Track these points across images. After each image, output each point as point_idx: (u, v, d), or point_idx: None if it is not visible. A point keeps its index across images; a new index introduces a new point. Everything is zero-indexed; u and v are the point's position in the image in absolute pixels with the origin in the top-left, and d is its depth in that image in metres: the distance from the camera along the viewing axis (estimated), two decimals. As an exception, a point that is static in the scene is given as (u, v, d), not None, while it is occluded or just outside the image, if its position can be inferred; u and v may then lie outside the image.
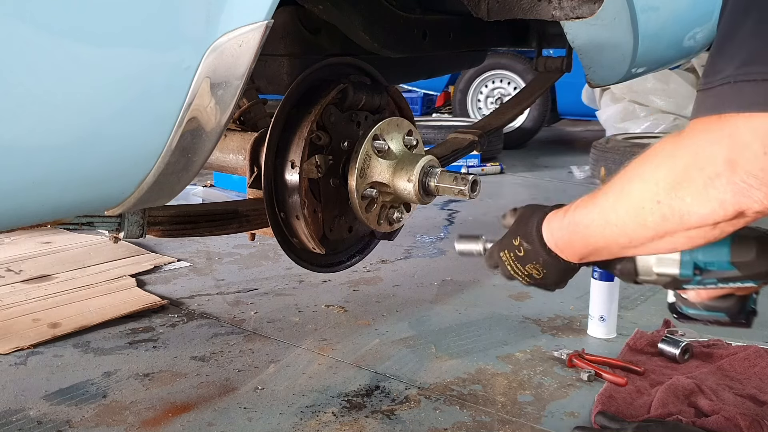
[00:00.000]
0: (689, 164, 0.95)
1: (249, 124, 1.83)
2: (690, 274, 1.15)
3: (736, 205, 0.92)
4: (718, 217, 0.94)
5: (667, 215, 0.99)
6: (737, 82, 0.89)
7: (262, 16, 1.05)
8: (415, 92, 7.41)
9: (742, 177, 0.89)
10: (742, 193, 0.90)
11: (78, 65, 0.92)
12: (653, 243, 1.06)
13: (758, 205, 0.90)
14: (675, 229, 1.00)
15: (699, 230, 0.99)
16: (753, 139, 0.88)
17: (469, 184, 1.48)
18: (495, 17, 1.88)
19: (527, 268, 1.27)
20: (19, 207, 1.01)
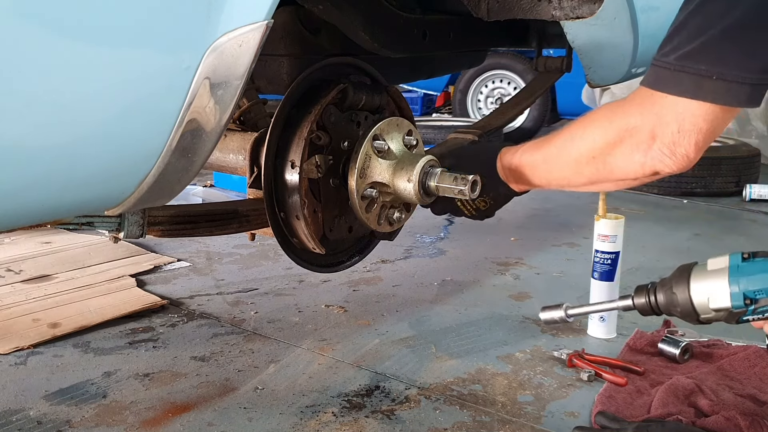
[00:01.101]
0: (622, 129, 1.22)
1: (249, 124, 1.83)
2: (741, 305, 1.20)
3: (652, 167, 1.21)
4: (638, 174, 1.24)
5: (600, 169, 1.28)
6: (676, 71, 1.13)
7: (262, 16, 1.05)
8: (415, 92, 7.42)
9: (659, 146, 1.17)
10: (658, 158, 1.18)
11: (78, 65, 0.92)
12: (587, 187, 1.37)
13: (668, 169, 1.19)
14: (605, 178, 1.30)
15: (623, 181, 1.31)
16: (673, 120, 1.14)
17: (469, 184, 1.48)
18: (495, 17, 1.88)
19: (477, 202, 1.54)
20: (19, 207, 1.01)
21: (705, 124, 1.12)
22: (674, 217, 3.75)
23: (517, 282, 2.66)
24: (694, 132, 1.13)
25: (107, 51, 0.95)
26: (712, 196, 4.14)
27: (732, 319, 1.23)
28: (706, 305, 1.24)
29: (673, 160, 1.16)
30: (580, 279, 2.50)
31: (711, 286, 1.23)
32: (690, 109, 1.12)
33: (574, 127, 1.34)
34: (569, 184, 1.39)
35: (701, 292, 1.24)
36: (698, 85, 1.10)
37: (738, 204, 4.04)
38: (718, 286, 1.22)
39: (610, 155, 1.24)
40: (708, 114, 1.11)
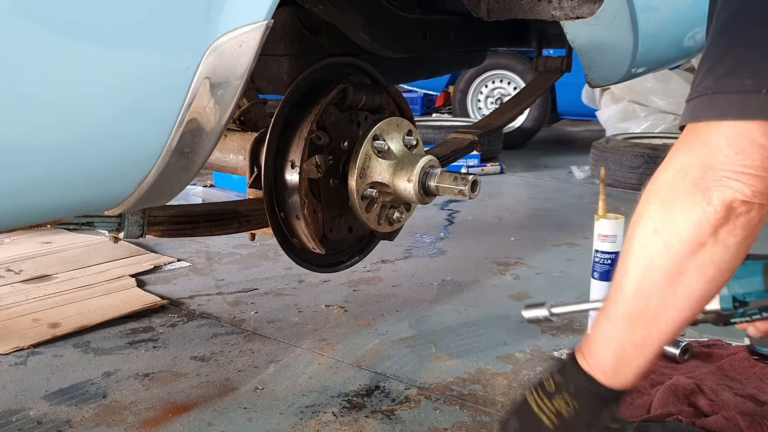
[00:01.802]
0: (671, 180, 0.96)
1: (249, 124, 1.83)
2: (731, 307, 1.18)
3: (721, 198, 0.92)
4: (710, 217, 0.92)
5: (668, 241, 0.95)
6: (714, 93, 0.94)
7: (262, 16, 1.05)
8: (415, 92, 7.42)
9: (720, 173, 0.91)
10: (724, 185, 0.91)
11: (78, 65, 0.92)
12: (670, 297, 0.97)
13: (741, 195, 0.91)
14: (680, 257, 0.95)
15: (703, 252, 0.94)
16: (725, 144, 0.92)
17: (469, 184, 1.48)
18: (495, 17, 1.88)
19: (556, 404, 1.09)
20: (19, 207, 1.01)
21: (765, 139, 0.91)
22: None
23: (517, 282, 2.66)
24: (757, 148, 0.90)
25: (107, 51, 0.95)
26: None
27: (720, 321, 1.21)
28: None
29: (744, 182, 0.90)
30: (580, 279, 2.50)
31: None
32: (741, 128, 0.92)
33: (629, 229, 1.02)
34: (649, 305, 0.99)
35: None
36: (744, 102, 0.91)
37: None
38: None
39: (670, 218, 0.95)
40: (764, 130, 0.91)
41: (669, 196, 0.96)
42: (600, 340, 1.05)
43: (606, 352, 1.04)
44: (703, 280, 0.97)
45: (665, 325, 1.00)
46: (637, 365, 1.04)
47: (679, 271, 0.96)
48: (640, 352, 1.03)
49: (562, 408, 1.09)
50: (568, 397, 1.08)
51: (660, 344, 1.02)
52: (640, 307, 0.99)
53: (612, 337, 1.03)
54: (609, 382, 1.05)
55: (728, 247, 0.95)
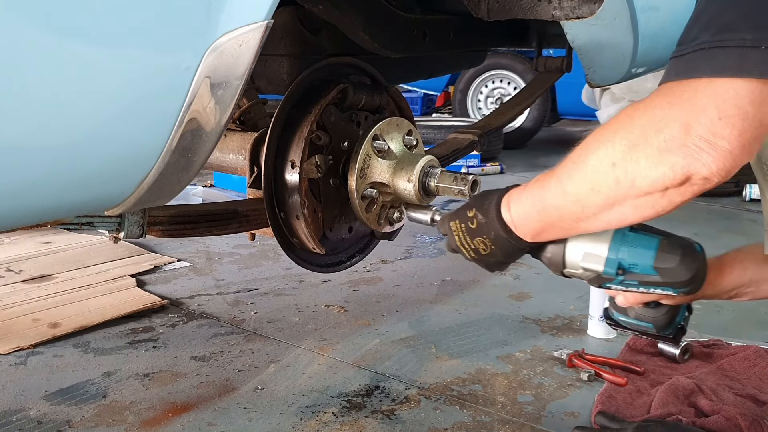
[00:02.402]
0: (646, 126, 0.96)
1: (249, 124, 1.83)
2: (613, 273, 1.17)
3: (685, 168, 0.92)
4: (667, 180, 0.95)
5: (621, 179, 0.99)
6: (711, 48, 0.91)
7: (262, 16, 1.05)
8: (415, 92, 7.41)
9: (694, 140, 0.91)
10: (693, 155, 0.91)
11: (78, 65, 0.92)
12: (604, 214, 1.06)
13: (706, 170, 0.91)
14: (625, 195, 1.01)
15: (648, 198, 0.99)
16: (711, 104, 0.89)
17: (469, 184, 1.48)
18: (495, 17, 1.88)
19: (475, 242, 1.24)
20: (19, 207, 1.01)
21: (752, 108, 0.88)
22: (674, 217, 3.71)
23: (517, 282, 2.66)
24: (739, 118, 0.88)
25: (107, 51, 0.95)
26: (712, 196, 4.14)
27: (596, 282, 1.20)
28: (577, 262, 1.18)
29: (713, 157, 0.90)
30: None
31: (590, 245, 1.17)
32: (733, 89, 0.88)
33: (591, 136, 1.07)
34: (584, 212, 1.08)
35: (577, 248, 1.18)
36: (742, 57, 0.88)
37: (738, 204, 4.03)
38: (597, 248, 1.17)
39: (632, 160, 0.97)
40: (756, 94, 0.88)
41: (639, 142, 0.97)
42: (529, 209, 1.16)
43: (530, 222, 1.16)
44: (637, 216, 1.04)
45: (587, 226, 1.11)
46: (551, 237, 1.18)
47: (619, 202, 1.02)
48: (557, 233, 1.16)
49: (480, 246, 1.24)
50: (488, 240, 1.22)
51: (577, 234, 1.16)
52: (574, 210, 1.09)
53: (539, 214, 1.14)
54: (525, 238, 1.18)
55: (672, 203, 0.99)
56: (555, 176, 1.11)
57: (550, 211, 1.12)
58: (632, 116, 0.99)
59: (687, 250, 1.16)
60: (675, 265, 1.15)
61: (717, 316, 2.34)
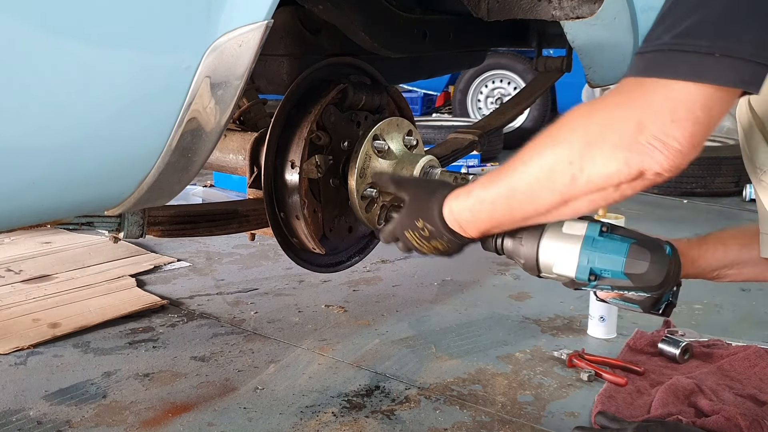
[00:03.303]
0: (604, 124, 1.00)
1: (249, 124, 1.83)
2: (585, 278, 1.18)
3: (639, 164, 0.97)
4: (621, 176, 1.00)
5: (577, 176, 1.03)
6: (671, 50, 0.95)
7: (262, 16, 1.05)
8: (415, 92, 7.41)
9: (648, 138, 0.95)
10: (646, 153, 0.96)
11: (78, 65, 0.92)
12: (557, 210, 1.10)
13: (657, 167, 0.97)
14: (580, 192, 1.05)
15: (602, 193, 1.04)
16: (665, 107, 0.94)
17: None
18: (495, 17, 1.88)
19: (433, 243, 1.30)
20: (19, 207, 1.01)
21: (702, 113, 0.94)
22: (674, 217, 3.75)
23: (517, 282, 2.66)
24: (690, 122, 0.94)
25: (107, 51, 0.95)
26: (712, 196, 4.14)
27: (571, 286, 1.22)
28: (550, 267, 1.20)
29: (665, 155, 0.96)
30: (580, 279, 2.50)
31: (561, 250, 1.19)
32: (686, 93, 0.94)
33: (542, 137, 1.09)
34: (536, 211, 1.12)
35: (549, 254, 1.20)
36: (697, 63, 0.93)
37: (738, 204, 4.04)
38: (568, 254, 1.18)
39: (589, 158, 1.01)
40: (707, 99, 0.94)
41: (595, 140, 1.01)
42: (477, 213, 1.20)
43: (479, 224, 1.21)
44: (590, 208, 1.09)
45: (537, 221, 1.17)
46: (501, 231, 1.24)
47: (574, 198, 1.07)
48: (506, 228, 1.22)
49: (439, 246, 1.29)
50: (444, 242, 1.27)
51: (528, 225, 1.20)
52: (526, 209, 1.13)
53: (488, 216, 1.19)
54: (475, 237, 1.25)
55: (623, 195, 1.05)
56: (504, 178, 1.14)
57: (501, 212, 1.17)
58: (590, 115, 1.04)
59: (656, 255, 1.17)
60: (645, 271, 1.16)
61: (717, 316, 2.34)
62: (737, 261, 1.44)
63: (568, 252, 1.19)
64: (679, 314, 2.32)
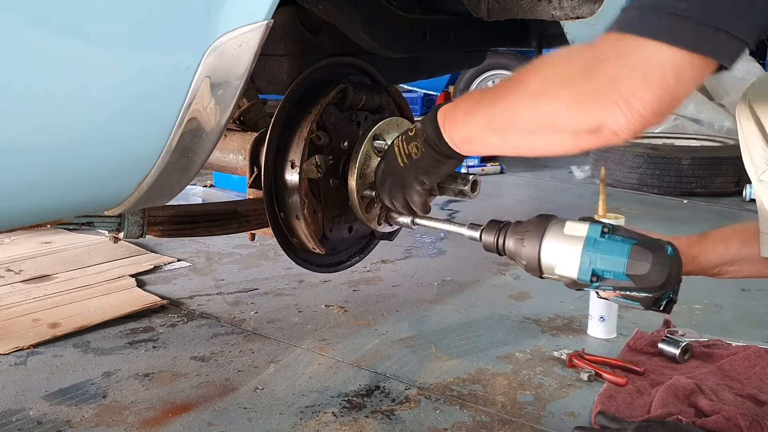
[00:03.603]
0: (579, 72, 1.03)
1: (249, 124, 1.83)
2: (587, 279, 1.19)
3: (599, 119, 1.00)
4: (580, 125, 1.03)
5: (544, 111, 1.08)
6: (649, 10, 0.96)
7: (262, 16, 1.05)
8: (415, 92, 7.41)
9: (615, 96, 0.97)
10: (609, 109, 0.98)
11: (78, 65, 0.92)
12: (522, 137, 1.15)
13: (616, 126, 0.98)
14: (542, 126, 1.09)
15: (560, 135, 1.08)
16: (639, 66, 0.96)
17: (470, 184, 1.48)
18: (495, 17, 1.88)
19: (410, 147, 1.34)
20: (19, 207, 1.01)
21: (674, 79, 0.95)
22: (674, 217, 3.75)
23: (517, 282, 2.66)
24: (659, 86, 0.95)
25: (107, 51, 0.95)
26: (712, 196, 4.14)
27: (573, 287, 1.23)
28: (552, 268, 1.21)
29: (626, 116, 0.97)
30: (580, 279, 2.50)
31: (563, 252, 1.20)
32: (660, 55, 0.94)
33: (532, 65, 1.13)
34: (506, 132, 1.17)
35: (551, 255, 1.21)
36: (676, 26, 0.94)
37: (738, 204, 4.04)
38: (570, 255, 1.19)
39: (556, 96, 1.06)
40: (680, 66, 0.94)
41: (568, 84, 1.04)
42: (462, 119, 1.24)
43: (460, 130, 1.25)
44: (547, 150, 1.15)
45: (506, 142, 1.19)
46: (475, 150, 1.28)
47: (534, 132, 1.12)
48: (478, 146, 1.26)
49: (413, 151, 1.34)
50: (420, 144, 1.32)
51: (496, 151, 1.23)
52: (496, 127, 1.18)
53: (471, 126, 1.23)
54: (453, 147, 1.27)
55: (579, 146, 1.08)
56: (488, 96, 1.20)
57: (477, 119, 1.21)
58: (570, 60, 1.08)
59: (658, 256, 1.17)
60: (647, 272, 1.16)
61: (717, 316, 2.34)
62: (738, 258, 1.45)
63: (569, 253, 1.19)
64: (679, 314, 2.32)
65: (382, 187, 1.46)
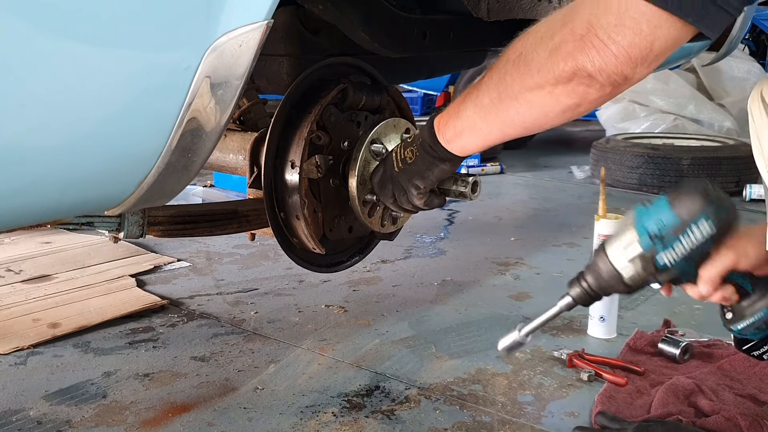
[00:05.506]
0: (558, 22, 1.04)
1: (249, 124, 1.83)
2: (649, 241, 1.19)
3: (574, 60, 1.00)
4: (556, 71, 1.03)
5: (522, 71, 1.08)
6: None
7: (263, 16, 1.05)
8: (415, 92, 7.41)
9: (590, 37, 0.98)
10: (583, 50, 0.99)
11: (78, 65, 0.92)
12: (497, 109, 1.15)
13: (590, 66, 0.99)
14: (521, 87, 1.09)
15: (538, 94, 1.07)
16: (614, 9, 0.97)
17: (470, 186, 1.48)
18: (495, 17, 1.88)
19: (406, 152, 1.38)
20: (19, 207, 1.01)
21: (648, 29, 0.96)
22: (674, 217, 3.74)
23: (517, 282, 2.66)
24: (635, 32, 0.95)
25: (107, 51, 0.95)
26: (712, 196, 4.13)
27: (650, 267, 1.21)
28: (624, 261, 1.22)
29: (600, 55, 0.97)
30: (580, 279, 2.50)
31: (622, 240, 1.22)
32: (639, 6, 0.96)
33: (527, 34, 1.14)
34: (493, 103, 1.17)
35: (617, 251, 1.22)
36: None
37: (738, 204, 4.03)
38: (627, 237, 1.21)
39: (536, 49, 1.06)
40: (654, 18, 0.96)
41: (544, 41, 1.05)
42: (453, 114, 1.26)
43: (451, 125, 1.27)
44: (527, 115, 1.13)
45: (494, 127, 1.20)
46: (467, 145, 1.28)
47: (515, 98, 1.12)
48: (471, 134, 1.25)
49: (407, 156, 1.37)
50: (416, 148, 1.35)
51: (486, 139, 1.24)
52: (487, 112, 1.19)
53: (461, 117, 1.24)
54: (445, 145, 1.30)
55: (558, 102, 1.07)
56: (477, 82, 1.21)
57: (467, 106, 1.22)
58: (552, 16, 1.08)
59: (687, 183, 1.20)
60: (685, 197, 1.18)
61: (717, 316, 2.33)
62: None
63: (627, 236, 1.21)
64: (679, 314, 2.32)
65: (382, 191, 1.49)
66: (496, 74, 1.15)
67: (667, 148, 4.40)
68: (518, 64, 1.09)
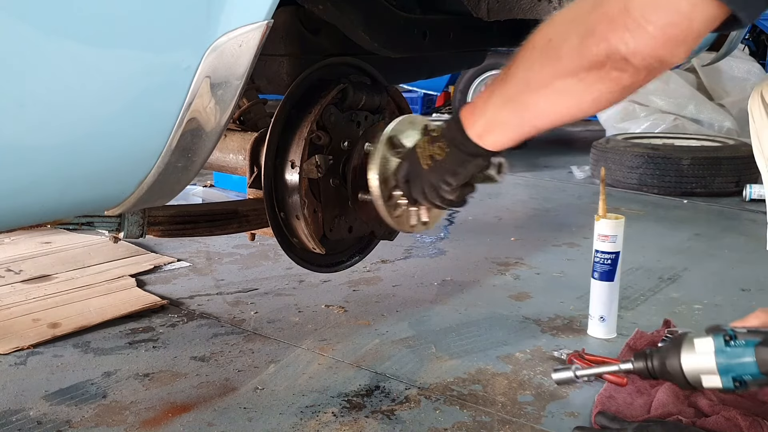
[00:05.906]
0: (589, 6, 0.98)
1: (249, 124, 1.83)
2: (732, 387, 1.26)
3: (607, 43, 0.95)
4: (590, 54, 0.97)
5: (551, 56, 1.03)
6: None
7: (263, 16, 1.05)
8: (415, 92, 7.41)
9: (624, 19, 0.93)
10: (617, 32, 0.93)
11: (78, 65, 0.92)
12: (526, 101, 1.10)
13: (624, 48, 0.94)
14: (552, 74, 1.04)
15: (569, 82, 1.02)
16: None
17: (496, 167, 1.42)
18: (495, 17, 1.88)
19: (434, 148, 1.31)
20: (19, 207, 1.01)
21: (687, 7, 0.90)
22: (674, 217, 3.75)
23: (517, 282, 2.66)
24: (672, 10, 0.91)
25: (107, 51, 0.95)
26: (712, 196, 4.14)
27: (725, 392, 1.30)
28: (699, 383, 1.29)
29: (635, 38, 0.92)
30: (580, 279, 2.50)
31: (701, 368, 1.28)
32: None
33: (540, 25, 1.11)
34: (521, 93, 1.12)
35: (693, 373, 1.30)
36: None
37: (738, 204, 4.04)
38: (708, 371, 1.28)
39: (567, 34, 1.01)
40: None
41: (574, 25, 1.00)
42: (481, 108, 1.21)
43: (480, 120, 1.21)
44: (559, 104, 1.07)
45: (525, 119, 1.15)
46: (498, 139, 1.22)
47: (545, 87, 1.06)
48: (502, 129, 1.20)
49: (436, 153, 1.30)
50: (444, 144, 1.28)
51: (518, 131, 1.18)
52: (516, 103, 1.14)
53: (489, 110, 1.19)
54: (477, 141, 1.23)
55: (590, 90, 1.02)
56: (503, 72, 1.16)
57: (494, 100, 1.18)
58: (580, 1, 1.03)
59: None
60: None
61: (717, 316, 2.34)
62: None
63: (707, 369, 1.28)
64: (679, 314, 2.32)
65: (414, 189, 1.40)
66: (522, 63, 1.10)
67: (667, 148, 4.40)
68: (547, 51, 1.04)
